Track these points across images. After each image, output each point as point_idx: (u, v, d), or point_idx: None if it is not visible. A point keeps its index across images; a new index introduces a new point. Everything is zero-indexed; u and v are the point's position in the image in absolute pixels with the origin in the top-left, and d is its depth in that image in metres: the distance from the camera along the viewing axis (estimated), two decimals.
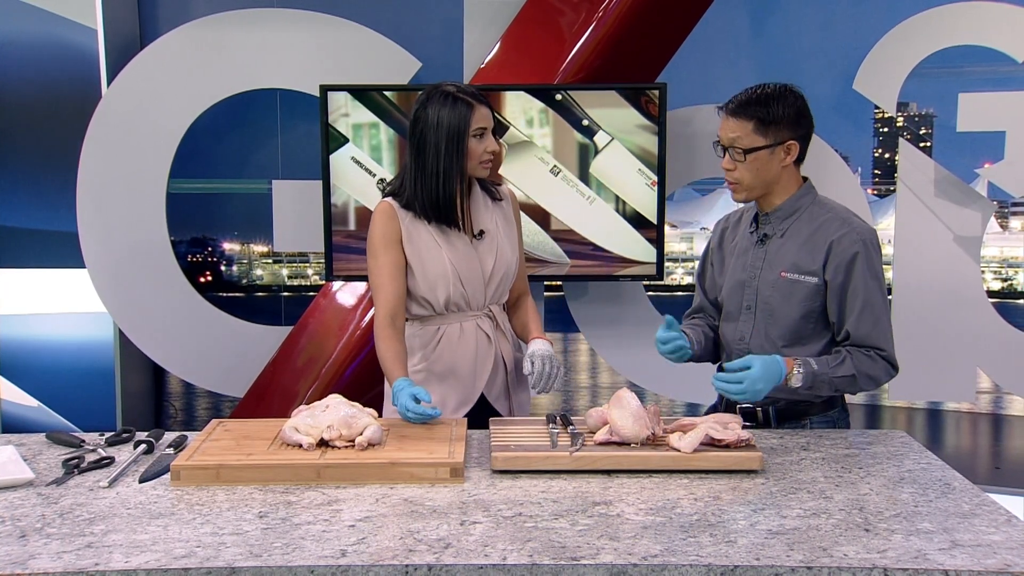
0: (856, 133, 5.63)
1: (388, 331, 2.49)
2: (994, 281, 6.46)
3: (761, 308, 2.42)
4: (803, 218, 2.40)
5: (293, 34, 4.10)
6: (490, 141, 2.49)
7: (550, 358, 2.46)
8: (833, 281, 2.34)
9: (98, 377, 4.58)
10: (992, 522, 1.78)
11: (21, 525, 1.76)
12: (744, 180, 2.36)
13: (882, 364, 2.37)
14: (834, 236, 2.34)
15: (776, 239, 2.41)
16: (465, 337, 2.58)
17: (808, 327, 2.40)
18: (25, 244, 4.48)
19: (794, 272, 2.37)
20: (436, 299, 2.55)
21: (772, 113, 2.31)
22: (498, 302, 2.65)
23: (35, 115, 4.42)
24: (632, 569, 1.57)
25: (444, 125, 2.45)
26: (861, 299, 2.33)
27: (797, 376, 2.27)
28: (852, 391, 2.39)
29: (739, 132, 2.32)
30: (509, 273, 2.62)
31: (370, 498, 1.90)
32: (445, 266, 2.52)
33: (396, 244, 2.53)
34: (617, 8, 3.89)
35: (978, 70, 4.81)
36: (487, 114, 2.49)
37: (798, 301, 2.37)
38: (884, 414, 6.46)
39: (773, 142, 2.33)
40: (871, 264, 2.33)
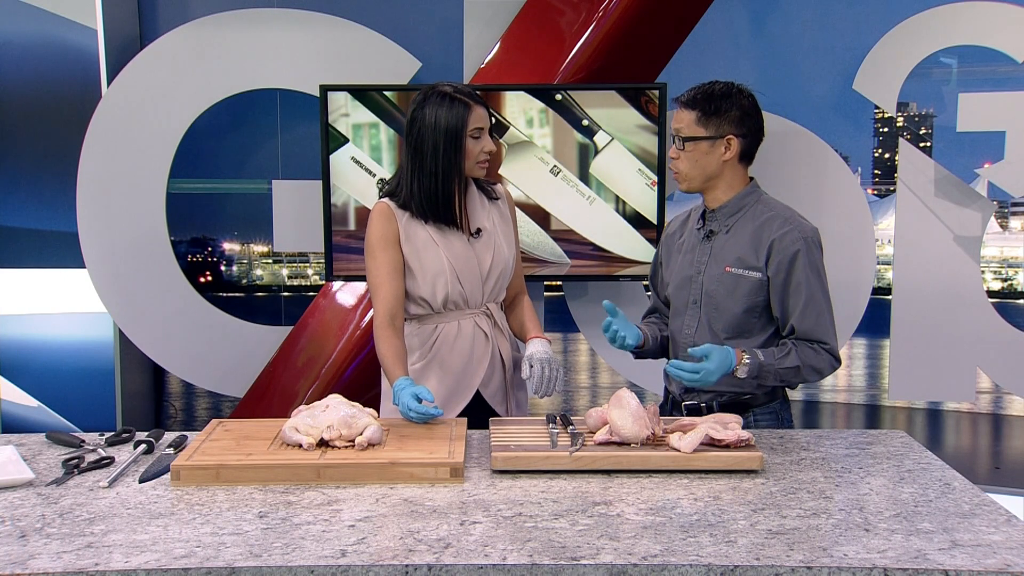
0: (856, 133, 5.63)
1: (388, 331, 2.50)
2: (994, 281, 6.46)
3: (706, 302, 2.49)
4: (748, 216, 2.47)
5: (293, 34, 4.10)
6: (487, 141, 2.51)
7: (549, 361, 2.46)
8: (775, 278, 2.41)
9: (98, 377, 4.58)
10: (992, 522, 1.78)
11: (21, 525, 1.76)
12: (683, 169, 2.45)
13: (826, 357, 2.42)
14: (776, 234, 2.41)
15: (721, 235, 2.48)
16: (463, 335, 2.59)
17: (751, 321, 2.46)
18: (25, 244, 4.48)
19: (738, 267, 2.44)
20: (435, 298, 2.56)
21: (716, 107, 2.39)
22: (495, 300, 2.66)
23: (35, 115, 4.42)
24: (632, 569, 1.57)
25: (442, 125, 2.47)
26: (804, 295, 2.39)
27: (743, 367, 2.34)
28: (796, 382, 2.44)
29: (683, 122, 2.42)
30: (506, 271, 2.63)
31: (370, 498, 1.90)
32: (443, 264, 2.53)
33: (394, 244, 2.54)
34: (617, 8, 3.89)
35: (978, 70, 4.81)
36: (484, 114, 2.50)
37: (742, 295, 2.44)
38: (884, 414, 6.46)
39: (713, 135, 2.40)
40: (812, 261, 2.40)
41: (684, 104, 2.42)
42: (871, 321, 4.25)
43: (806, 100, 4.74)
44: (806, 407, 6.57)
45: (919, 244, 4.14)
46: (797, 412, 6.36)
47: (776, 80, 4.76)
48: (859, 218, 4.15)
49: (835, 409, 6.73)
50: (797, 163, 4.14)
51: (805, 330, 2.40)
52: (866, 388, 7.32)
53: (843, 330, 4.18)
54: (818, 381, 2.47)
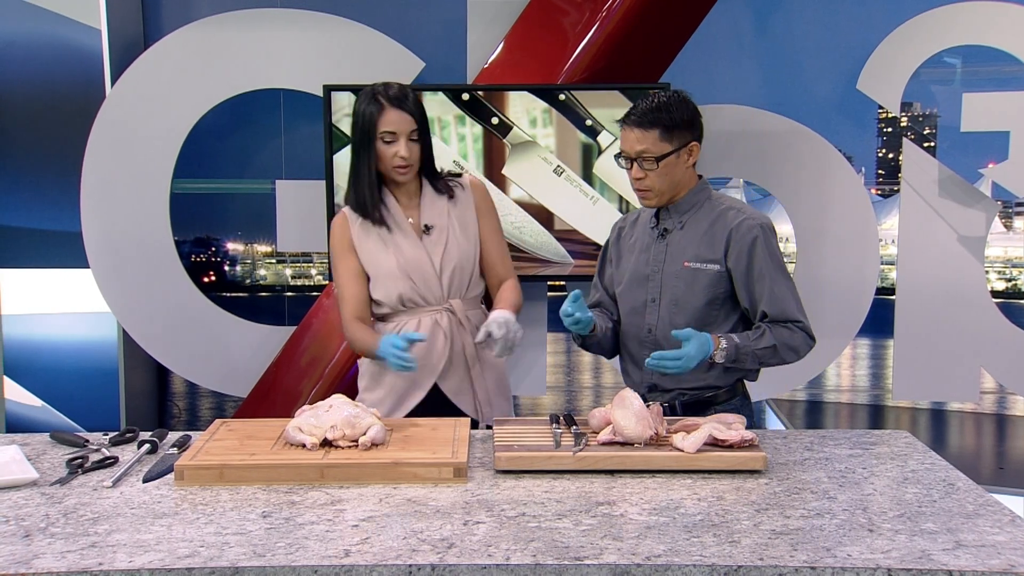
0: (860, 133, 5.62)
1: (355, 323, 2.60)
2: (998, 281, 6.45)
3: (666, 299, 2.51)
4: (701, 211, 2.51)
5: (296, 34, 4.11)
6: (401, 147, 2.51)
7: (506, 323, 2.45)
8: (737, 267, 2.45)
9: (102, 377, 4.58)
10: (996, 522, 1.78)
11: (25, 525, 1.76)
12: (656, 186, 2.45)
13: (800, 335, 2.46)
14: (732, 225, 2.46)
15: (676, 232, 2.52)
16: (421, 331, 2.59)
17: (714, 313, 2.49)
18: (29, 244, 4.49)
19: (696, 262, 2.48)
20: (389, 297, 2.60)
21: (674, 118, 2.41)
22: (460, 296, 2.64)
23: (39, 115, 4.43)
24: (636, 569, 1.57)
25: (358, 124, 2.53)
26: (768, 281, 2.44)
27: (721, 352, 2.37)
28: (775, 362, 2.46)
29: (647, 142, 2.41)
30: (464, 266, 2.62)
31: (373, 498, 1.90)
32: (392, 265, 2.58)
33: (350, 251, 2.63)
34: (620, 8, 3.89)
35: (982, 70, 4.80)
36: (400, 119, 2.50)
37: (702, 288, 2.47)
38: (888, 414, 6.45)
39: (679, 146, 2.43)
40: (770, 246, 2.45)
41: (642, 125, 2.41)
42: (875, 321, 4.24)
43: (810, 100, 4.73)
44: (809, 407, 6.56)
45: (923, 244, 4.14)
46: (800, 412, 6.36)
47: (780, 80, 4.75)
48: (863, 218, 4.15)
49: (839, 409, 6.73)
50: (801, 163, 4.14)
51: (776, 313, 2.44)
52: (870, 388, 7.31)
53: (847, 330, 4.21)
54: (796, 360, 2.50)
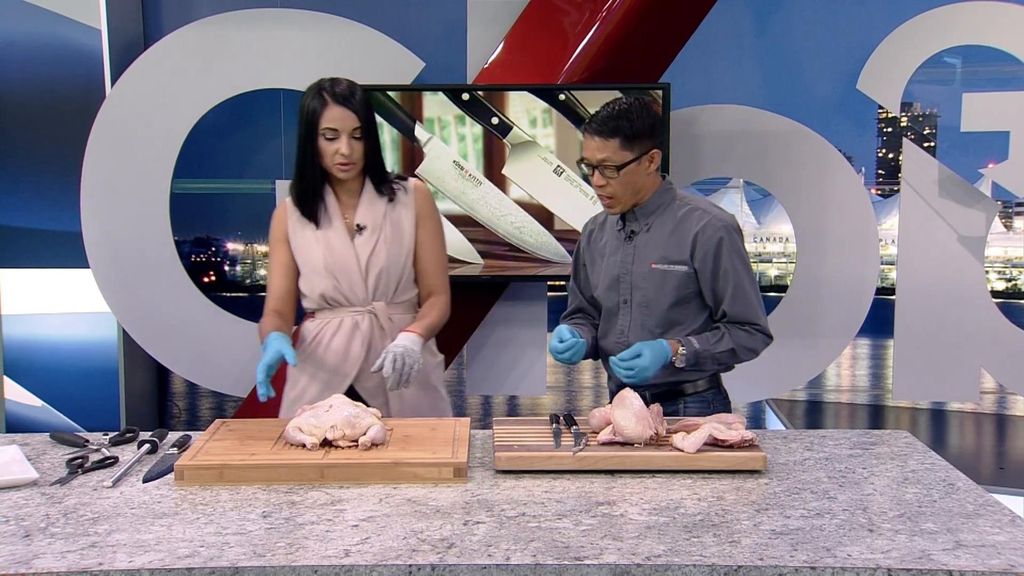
0: (860, 133, 5.63)
1: (270, 316, 2.60)
2: (998, 281, 6.45)
3: (636, 300, 2.53)
4: (666, 212, 2.52)
5: (296, 34, 4.11)
6: (342, 144, 2.48)
7: (403, 355, 2.40)
8: (703, 268, 2.46)
9: (102, 377, 4.58)
10: (996, 522, 1.78)
11: (25, 525, 1.76)
12: (618, 194, 2.46)
13: (759, 336, 2.50)
14: (697, 226, 2.47)
15: (643, 234, 2.53)
16: (340, 332, 2.59)
17: (682, 313, 2.51)
18: (29, 244, 4.49)
19: (663, 263, 2.49)
20: (313, 293, 2.60)
21: (635, 127, 2.40)
22: (385, 299, 2.61)
23: (39, 115, 4.43)
24: (636, 569, 1.57)
25: (301, 119, 2.52)
26: (732, 281, 2.46)
27: (681, 357, 2.40)
28: (734, 363, 2.52)
29: (608, 151, 2.41)
30: (391, 269, 2.60)
31: (373, 498, 1.90)
32: (319, 261, 2.58)
33: (283, 242, 2.64)
34: (620, 8, 3.89)
35: (982, 70, 4.81)
36: (343, 116, 2.48)
37: (671, 289, 2.49)
38: (888, 414, 6.45)
39: (640, 154, 2.43)
40: (735, 247, 2.47)
41: (602, 133, 2.40)
42: (875, 321, 4.24)
43: (810, 100, 4.73)
44: (809, 407, 6.56)
45: (923, 244, 4.14)
46: (800, 412, 6.35)
47: (779, 80, 4.75)
48: (863, 218, 4.15)
49: (838, 409, 6.73)
50: (801, 163, 4.14)
51: (736, 314, 2.47)
52: (870, 388, 7.31)
53: (847, 330, 4.21)
54: (754, 359, 2.55)
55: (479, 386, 4.40)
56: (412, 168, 3.92)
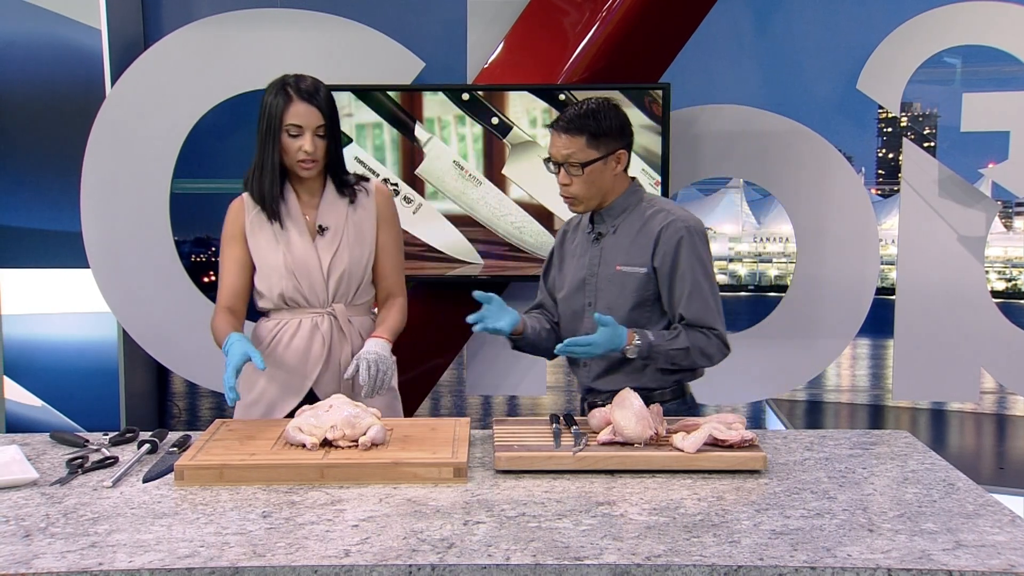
0: (860, 133, 5.63)
1: (223, 314, 2.54)
2: (998, 281, 6.46)
3: (600, 303, 2.51)
4: (633, 215, 2.50)
5: (296, 34, 4.11)
6: (306, 141, 2.45)
7: (376, 361, 2.39)
8: (661, 268, 2.45)
9: (102, 377, 4.58)
10: (996, 522, 1.78)
11: (25, 525, 1.76)
12: (581, 194, 2.45)
13: (715, 342, 2.45)
14: (660, 226, 2.45)
15: (609, 236, 2.51)
16: (300, 334, 2.55)
17: (643, 315, 2.48)
18: (29, 244, 4.49)
19: (627, 265, 2.48)
20: (272, 293, 2.55)
21: (601, 126, 2.39)
22: (345, 301, 2.58)
23: (39, 115, 4.43)
24: (636, 569, 1.57)
25: (264, 115, 2.48)
26: (689, 283, 2.43)
27: (633, 348, 2.37)
28: (687, 365, 2.46)
29: (573, 148, 2.40)
30: (354, 271, 2.57)
31: (373, 498, 1.90)
32: (279, 261, 2.53)
33: (239, 239, 2.58)
34: (620, 8, 3.89)
35: (982, 70, 4.81)
36: (308, 113, 2.45)
37: (631, 292, 2.47)
38: (888, 414, 6.46)
39: (605, 153, 2.41)
40: (695, 249, 2.44)
41: (569, 131, 2.39)
42: (875, 321, 4.25)
43: (810, 100, 4.73)
44: (809, 407, 6.56)
45: (923, 244, 4.14)
46: (800, 412, 6.36)
47: (779, 80, 4.75)
48: (863, 218, 4.16)
49: (838, 409, 6.73)
50: (801, 163, 4.14)
51: (692, 317, 2.43)
52: (870, 388, 7.31)
53: (847, 330, 4.21)
54: (709, 366, 2.52)
55: (479, 386, 4.40)
56: (412, 168, 3.93)
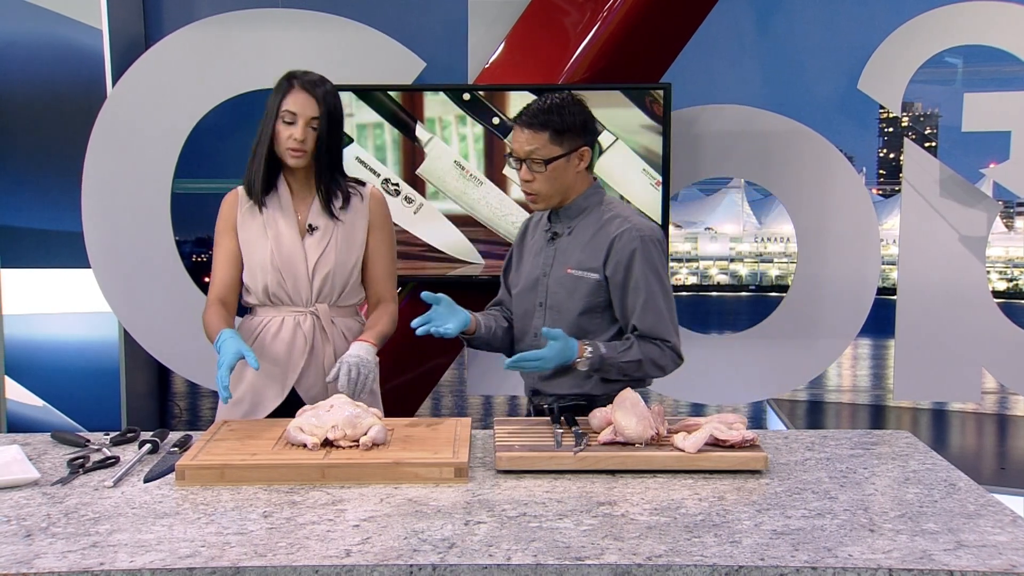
0: (861, 133, 5.63)
1: (215, 307, 2.54)
2: (999, 281, 6.45)
3: (550, 304, 2.48)
4: (590, 217, 2.46)
5: (297, 34, 4.11)
6: (297, 129, 2.47)
7: (358, 365, 2.40)
8: (614, 277, 2.40)
9: (103, 377, 4.58)
10: (997, 523, 1.78)
11: (26, 524, 1.76)
12: (543, 190, 2.40)
13: (669, 354, 2.42)
14: (614, 233, 2.40)
15: (565, 237, 2.48)
16: (282, 332, 2.55)
17: (592, 322, 2.45)
18: (30, 244, 4.49)
19: (578, 269, 2.44)
20: (256, 286, 2.55)
21: (565, 122, 2.35)
22: (329, 302, 2.58)
23: (40, 115, 4.43)
24: (637, 569, 1.57)
25: (268, 105, 2.52)
26: (643, 294, 2.38)
27: (585, 360, 2.34)
28: (639, 376, 2.43)
29: (536, 143, 2.35)
30: (339, 273, 2.57)
31: (374, 498, 1.90)
32: (267, 255, 2.53)
33: (231, 232, 2.59)
34: (621, 8, 3.89)
35: (983, 70, 4.81)
36: (305, 102, 2.48)
37: (581, 297, 2.43)
38: (889, 414, 6.46)
39: (569, 150, 2.38)
40: (650, 260, 2.39)
41: (532, 126, 2.35)
42: (876, 321, 4.25)
43: (811, 100, 4.73)
44: (810, 407, 6.56)
45: (924, 244, 4.14)
46: (801, 412, 6.36)
47: (781, 80, 4.76)
48: (864, 218, 4.16)
49: (839, 409, 6.73)
50: (802, 163, 4.14)
51: (646, 328, 2.39)
52: (871, 388, 7.32)
53: (848, 330, 4.21)
54: (662, 377, 2.49)
55: (480, 386, 4.40)
56: (413, 168, 3.93)
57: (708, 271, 10.04)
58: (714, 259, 9.94)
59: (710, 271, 10.01)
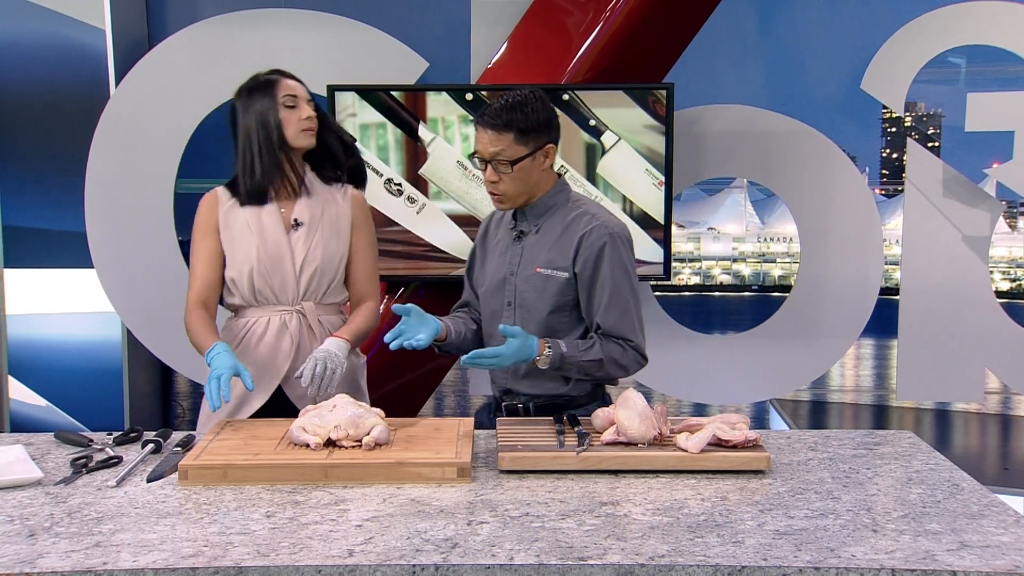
0: (864, 133, 5.62)
1: (198, 310, 2.56)
2: (1002, 281, 6.45)
3: (519, 303, 2.46)
4: (557, 215, 2.45)
5: (300, 34, 4.11)
6: (305, 109, 2.53)
7: (324, 359, 2.40)
8: (582, 274, 2.39)
9: (106, 376, 4.59)
10: (1001, 523, 1.78)
11: (30, 524, 1.77)
12: (509, 191, 2.38)
13: (632, 354, 2.41)
14: (583, 231, 2.39)
15: (532, 235, 2.46)
16: (269, 331, 2.55)
17: (561, 321, 2.44)
18: (33, 244, 4.49)
19: (547, 268, 2.42)
20: (242, 285, 2.55)
21: (529, 120, 2.32)
22: (315, 299, 2.59)
23: (43, 115, 4.43)
24: (639, 569, 1.57)
25: (255, 104, 2.54)
26: (608, 292, 2.37)
27: (544, 358, 2.32)
28: (601, 376, 2.42)
29: (501, 144, 2.32)
30: (326, 269, 2.57)
31: (377, 498, 1.90)
32: (253, 252, 2.53)
33: (212, 232, 2.58)
34: (624, 8, 3.89)
35: (987, 70, 4.81)
36: (295, 85, 2.56)
37: (550, 296, 2.42)
38: (892, 414, 6.45)
39: (534, 149, 2.35)
40: (618, 257, 2.38)
41: (496, 127, 2.31)
42: (879, 321, 4.25)
43: (813, 100, 4.73)
44: (813, 407, 6.56)
45: (927, 244, 4.14)
46: (804, 412, 6.36)
47: (783, 80, 4.75)
48: (867, 218, 4.15)
49: (842, 409, 6.73)
50: (804, 163, 4.14)
51: (610, 326, 2.38)
52: (874, 388, 7.31)
53: (851, 330, 4.21)
54: (625, 377, 2.49)
55: (482, 386, 4.39)
56: (416, 168, 3.93)
57: (711, 271, 10.04)
58: (717, 259, 9.95)
59: (713, 271, 10.02)
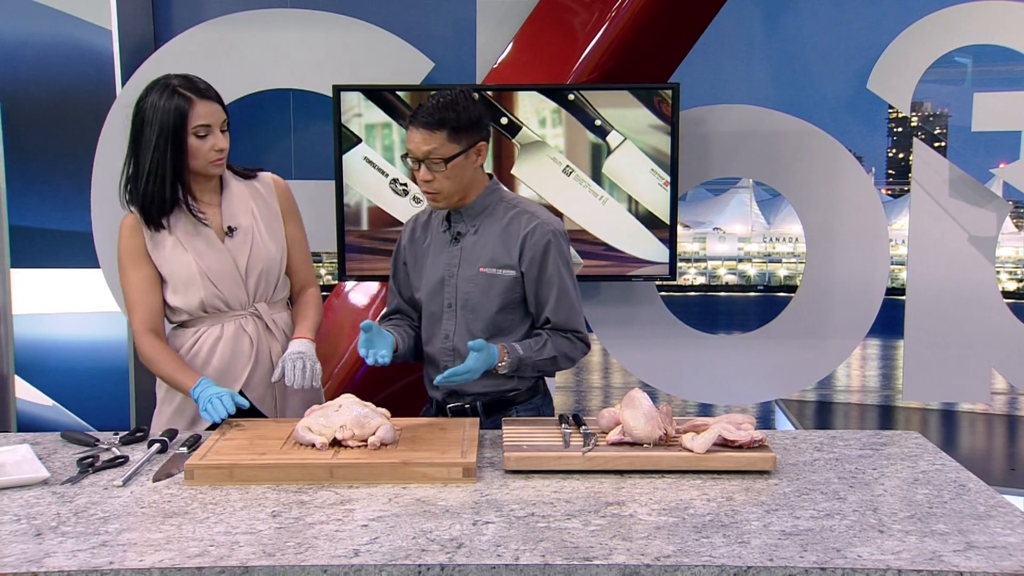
0: (870, 133, 5.62)
1: (149, 337, 2.45)
2: (1009, 281, 6.44)
3: (461, 305, 2.48)
4: (495, 214, 2.48)
5: (306, 34, 4.11)
6: (217, 139, 2.43)
7: (301, 357, 2.41)
8: (529, 272, 2.45)
9: (112, 376, 4.59)
10: (1007, 524, 1.77)
11: (36, 524, 1.77)
12: (444, 189, 2.40)
13: (579, 345, 2.51)
14: (526, 229, 2.44)
15: (470, 236, 2.48)
16: (224, 338, 2.50)
17: (508, 319, 2.48)
18: (40, 244, 4.50)
19: (492, 267, 2.46)
20: (190, 304, 2.47)
21: (461, 119, 2.35)
22: (266, 300, 2.56)
23: (50, 115, 4.44)
24: (645, 569, 1.57)
25: (154, 119, 2.39)
26: (556, 288, 2.45)
27: (505, 364, 2.38)
28: (552, 370, 2.51)
29: (434, 143, 2.33)
30: (271, 268, 2.54)
31: (383, 498, 1.90)
32: (192, 270, 2.45)
33: (143, 257, 2.46)
34: (630, 8, 3.89)
35: (993, 69, 4.79)
36: (213, 111, 2.44)
37: (497, 294, 2.46)
38: (898, 415, 6.44)
39: (466, 147, 2.37)
40: (562, 253, 2.47)
41: (429, 125, 2.33)
42: (885, 321, 4.24)
43: (820, 100, 4.72)
44: (819, 407, 6.55)
45: (933, 244, 4.13)
46: (810, 412, 6.35)
47: (790, 80, 4.75)
48: (873, 218, 4.14)
49: (849, 410, 6.72)
50: (811, 163, 4.13)
51: (560, 321, 2.46)
52: (880, 389, 7.30)
53: (857, 330, 4.20)
54: (571, 367, 2.59)
55: None
56: None
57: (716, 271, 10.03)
58: (722, 259, 9.94)
59: (718, 271, 10.00)
